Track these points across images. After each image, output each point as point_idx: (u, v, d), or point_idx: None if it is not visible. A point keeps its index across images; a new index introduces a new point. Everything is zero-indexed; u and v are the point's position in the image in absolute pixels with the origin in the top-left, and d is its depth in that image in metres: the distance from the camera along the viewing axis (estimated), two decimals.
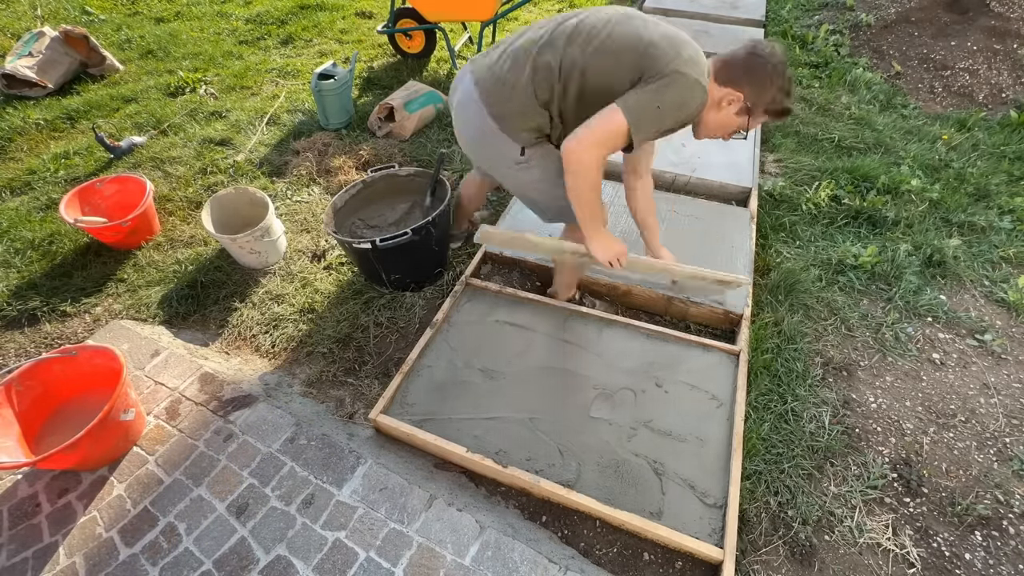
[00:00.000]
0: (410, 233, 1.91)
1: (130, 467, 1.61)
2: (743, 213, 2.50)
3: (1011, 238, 2.48)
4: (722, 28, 4.43)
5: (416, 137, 3.12)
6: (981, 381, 1.94)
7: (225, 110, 3.37)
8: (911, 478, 1.66)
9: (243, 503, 1.52)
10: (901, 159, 2.93)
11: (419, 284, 2.23)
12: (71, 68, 3.58)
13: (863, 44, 4.14)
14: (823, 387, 1.91)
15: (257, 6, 4.79)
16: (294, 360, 2.03)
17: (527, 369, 1.87)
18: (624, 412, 1.74)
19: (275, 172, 2.88)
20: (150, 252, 2.41)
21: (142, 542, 1.45)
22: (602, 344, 1.95)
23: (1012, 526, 1.56)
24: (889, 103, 3.49)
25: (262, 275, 2.32)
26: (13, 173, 2.84)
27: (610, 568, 1.48)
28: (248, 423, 1.71)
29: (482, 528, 1.44)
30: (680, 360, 1.90)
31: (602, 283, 2.21)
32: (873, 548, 1.51)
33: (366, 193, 2.27)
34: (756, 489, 1.62)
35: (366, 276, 2.23)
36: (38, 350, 2.00)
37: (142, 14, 4.68)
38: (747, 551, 1.50)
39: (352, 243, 1.93)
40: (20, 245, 2.39)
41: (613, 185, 2.69)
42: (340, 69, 3.13)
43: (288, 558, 1.41)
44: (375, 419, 1.72)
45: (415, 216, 2.26)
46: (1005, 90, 3.49)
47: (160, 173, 2.85)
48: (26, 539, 1.46)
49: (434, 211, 2.02)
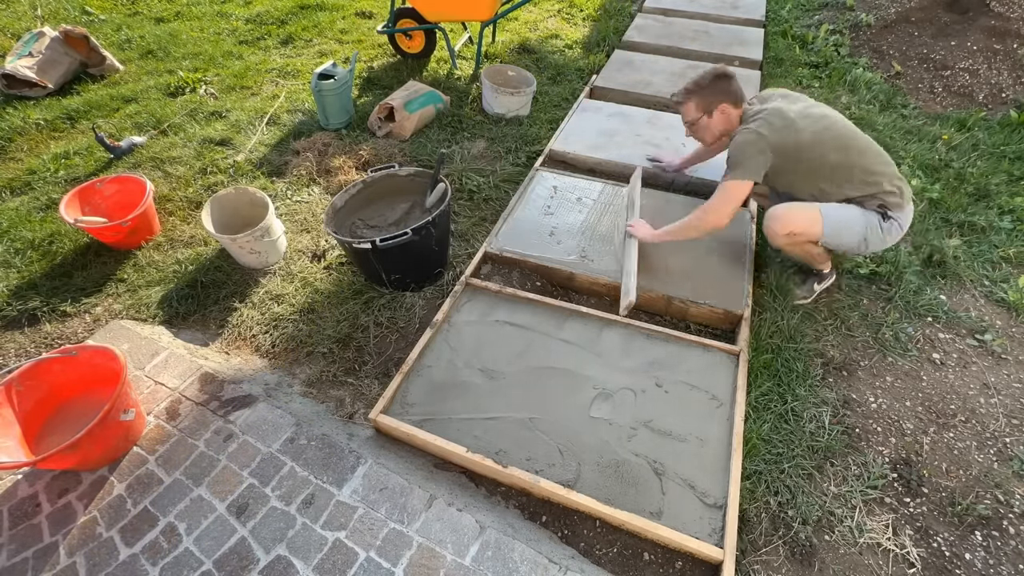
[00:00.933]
0: (410, 233, 1.91)
1: (130, 467, 1.61)
2: (743, 213, 2.50)
3: (1011, 238, 2.48)
4: (722, 28, 4.44)
5: (416, 137, 3.12)
6: (981, 381, 1.94)
7: (225, 110, 3.37)
8: (911, 478, 1.66)
9: (243, 503, 1.52)
10: (901, 159, 2.93)
11: (419, 284, 2.23)
12: (71, 68, 3.58)
13: (863, 44, 4.14)
14: (823, 387, 1.91)
15: (257, 6, 4.79)
16: (294, 360, 2.03)
17: (527, 369, 1.87)
18: (624, 412, 1.74)
19: (275, 172, 2.88)
20: (150, 252, 2.41)
21: (142, 542, 1.45)
22: (602, 344, 1.95)
23: (1012, 526, 1.56)
24: (889, 103, 3.49)
25: (262, 275, 2.32)
26: (13, 173, 2.84)
27: (610, 568, 1.48)
28: (248, 423, 1.71)
29: (482, 528, 1.44)
30: (680, 360, 1.90)
31: (602, 283, 2.21)
32: (873, 548, 1.51)
33: (366, 193, 2.28)
34: (756, 489, 1.62)
35: (366, 276, 2.23)
36: (38, 350, 2.00)
37: (142, 14, 4.68)
38: (747, 551, 1.50)
39: (352, 243, 1.93)
40: (20, 245, 2.39)
41: (618, 187, 2.69)
42: (340, 69, 3.13)
43: (288, 558, 1.41)
44: (375, 419, 1.72)
45: (415, 216, 2.26)
46: (1005, 90, 3.49)
47: (160, 173, 2.85)
48: (26, 539, 1.46)
49: (434, 211, 2.02)
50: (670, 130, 3.12)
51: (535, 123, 3.26)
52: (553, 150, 2.95)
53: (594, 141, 3.01)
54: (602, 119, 3.21)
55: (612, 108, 3.33)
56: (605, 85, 3.59)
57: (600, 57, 4.01)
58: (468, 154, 2.95)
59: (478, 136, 3.14)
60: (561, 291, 2.31)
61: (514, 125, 3.24)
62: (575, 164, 2.94)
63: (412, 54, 3.88)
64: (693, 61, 3.90)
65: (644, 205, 2.55)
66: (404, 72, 3.76)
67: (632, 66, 3.81)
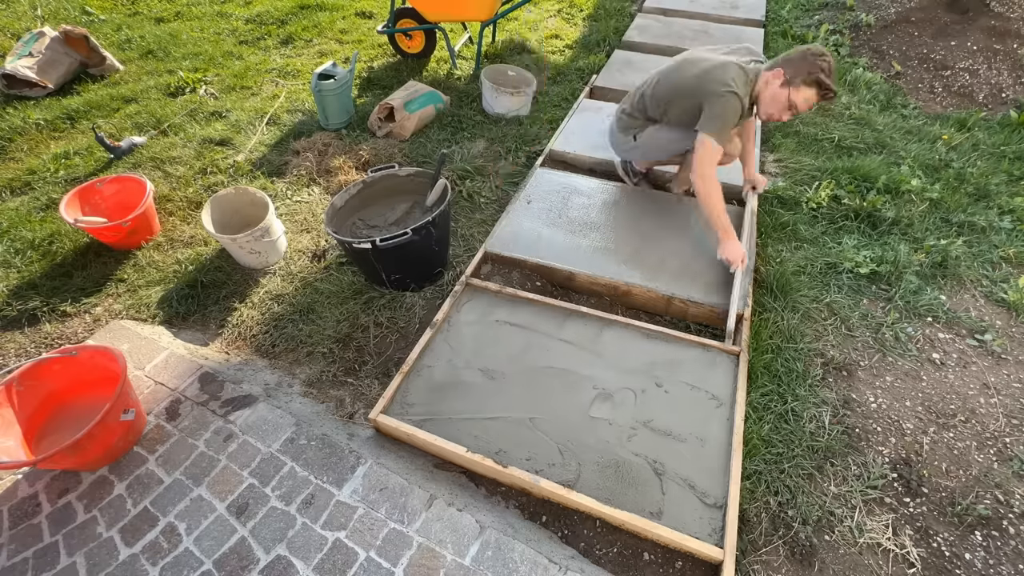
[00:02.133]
0: (410, 233, 1.91)
1: (130, 467, 1.61)
2: (743, 212, 2.50)
3: (1011, 238, 2.48)
4: (722, 28, 4.44)
5: (416, 137, 3.12)
6: (981, 381, 1.94)
7: (225, 110, 3.37)
8: (911, 478, 1.66)
9: (243, 503, 1.52)
10: (901, 159, 2.93)
11: (420, 284, 2.23)
12: (71, 68, 3.58)
13: (863, 44, 4.14)
14: (823, 387, 1.90)
15: (257, 6, 4.79)
16: (294, 360, 2.03)
17: (527, 369, 1.87)
18: (624, 412, 1.74)
19: (275, 172, 2.88)
20: (150, 252, 2.41)
21: (142, 542, 1.45)
22: (602, 344, 1.95)
23: (1012, 526, 1.56)
24: (889, 103, 3.49)
25: (262, 275, 2.32)
26: (13, 173, 2.84)
27: (610, 568, 1.48)
28: (248, 423, 1.71)
29: (482, 528, 1.44)
30: (680, 360, 1.90)
31: (602, 283, 2.21)
32: (873, 548, 1.51)
33: (366, 193, 2.28)
34: (756, 489, 1.62)
35: (366, 276, 2.23)
36: (38, 350, 2.00)
37: (142, 14, 4.68)
38: (747, 551, 1.50)
39: (352, 243, 1.93)
40: (20, 245, 2.39)
41: (618, 187, 2.69)
42: (340, 69, 3.13)
43: (288, 558, 1.41)
44: (375, 419, 1.72)
45: (415, 216, 2.26)
46: (1005, 90, 3.49)
47: (160, 173, 2.85)
48: (26, 539, 1.46)
49: (435, 211, 2.02)
50: None
51: (535, 123, 3.26)
52: (553, 150, 2.95)
53: (594, 141, 3.01)
54: (602, 119, 3.21)
55: (612, 108, 3.33)
56: (605, 85, 3.59)
57: (600, 57, 4.01)
58: (468, 154, 2.95)
59: (478, 136, 3.14)
60: (561, 291, 2.31)
61: (514, 125, 3.24)
62: (575, 164, 2.95)
63: (412, 54, 3.88)
64: None
65: (644, 205, 2.56)
66: (404, 72, 3.76)
67: (632, 66, 3.81)
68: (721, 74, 1.98)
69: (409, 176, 2.29)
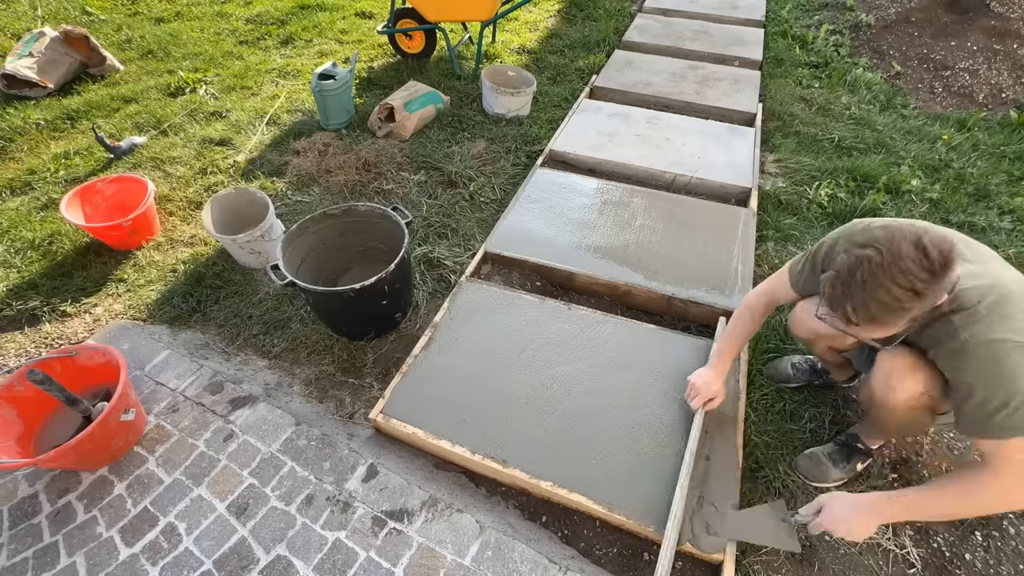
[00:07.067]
0: (354, 291, 1.72)
1: (130, 467, 1.61)
2: (743, 213, 2.50)
3: (1011, 238, 2.48)
4: (722, 28, 4.44)
5: (416, 137, 3.12)
6: None
7: (225, 110, 3.37)
8: (911, 478, 1.66)
9: (243, 503, 1.52)
10: (901, 159, 2.93)
11: (379, 333, 2.06)
12: (71, 68, 3.58)
13: (863, 44, 4.14)
14: (823, 386, 1.90)
15: (257, 6, 4.79)
16: (294, 360, 2.03)
17: (527, 368, 1.87)
18: (624, 412, 1.74)
19: (275, 172, 2.88)
20: (150, 252, 2.41)
21: (142, 542, 1.45)
22: (601, 343, 1.95)
23: (1012, 526, 1.56)
24: (889, 103, 3.49)
25: (262, 275, 2.32)
26: (13, 173, 2.84)
27: (610, 568, 1.48)
28: (248, 423, 1.71)
29: (482, 528, 1.44)
30: (680, 360, 1.89)
31: (602, 283, 2.21)
32: (873, 548, 1.51)
33: (323, 230, 2.06)
34: (756, 489, 1.62)
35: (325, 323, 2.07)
36: (38, 350, 2.00)
37: (142, 14, 4.68)
38: (747, 551, 1.49)
39: (306, 288, 1.77)
40: (20, 245, 2.39)
41: (618, 187, 2.68)
42: (340, 69, 3.13)
43: (288, 558, 1.41)
44: (375, 419, 1.72)
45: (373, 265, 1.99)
46: (1005, 90, 3.49)
47: (160, 173, 2.85)
48: (26, 539, 1.46)
49: (383, 271, 1.77)
50: (670, 130, 3.12)
51: (535, 123, 3.26)
52: (553, 150, 2.95)
53: (594, 141, 3.01)
54: (602, 119, 3.21)
55: (612, 108, 3.34)
56: (605, 85, 3.59)
57: (600, 57, 4.01)
58: (468, 154, 2.95)
59: (478, 136, 3.14)
60: (561, 291, 2.31)
61: (514, 125, 3.24)
62: (575, 164, 2.95)
63: (412, 54, 3.88)
64: (693, 61, 3.91)
65: (644, 205, 2.55)
66: (404, 72, 3.76)
67: (632, 66, 3.81)
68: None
69: (368, 214, 2.05)
